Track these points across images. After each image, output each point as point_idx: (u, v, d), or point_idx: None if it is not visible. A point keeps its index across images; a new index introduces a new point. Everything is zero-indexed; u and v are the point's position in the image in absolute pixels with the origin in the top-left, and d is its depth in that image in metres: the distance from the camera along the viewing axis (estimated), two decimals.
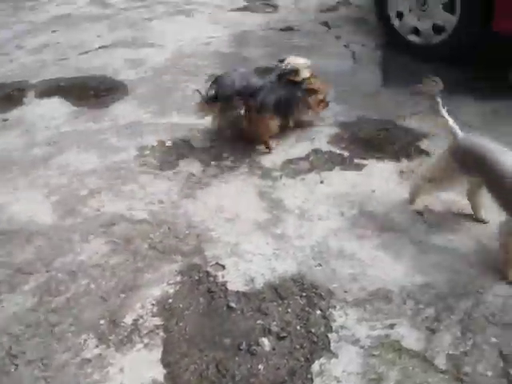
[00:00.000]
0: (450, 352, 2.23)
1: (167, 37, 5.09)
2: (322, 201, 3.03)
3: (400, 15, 4.59)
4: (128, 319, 2.40)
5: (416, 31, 4.53)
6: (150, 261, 2.68)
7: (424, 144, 3.49)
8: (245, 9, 5.72)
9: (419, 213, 2.94)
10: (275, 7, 5.75)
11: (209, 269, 2.62)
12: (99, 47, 4.93)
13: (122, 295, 2.51)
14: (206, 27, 5.28)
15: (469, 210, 2.95)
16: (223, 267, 2.63)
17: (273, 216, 2.93)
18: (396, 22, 4.63)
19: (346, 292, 2.49)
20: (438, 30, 4.38)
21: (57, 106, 4.03)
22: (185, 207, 3.01)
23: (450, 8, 4.25)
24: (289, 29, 5.16)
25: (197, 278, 2.58)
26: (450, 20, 4.28)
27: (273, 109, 3.39)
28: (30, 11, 6.08)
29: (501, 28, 4.01)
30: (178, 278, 2.58)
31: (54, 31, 5.38)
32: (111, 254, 2.74)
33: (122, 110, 3.91)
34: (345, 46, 4.77)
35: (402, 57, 4.58)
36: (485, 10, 4.05)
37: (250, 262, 2.65)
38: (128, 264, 2.67)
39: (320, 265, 2.62)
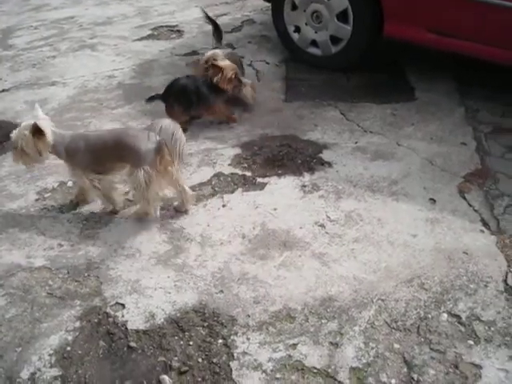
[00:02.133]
0: (353, 365, 2.23)
1: (70, 73, 4.99)
2: (224, 225, 2.99)
3: (298, 29, 4.64)
4: (25, 374, 2.30)
5: (315, 43, 4.58)
6: (48, 309, 2.58)
7: (325, 155, 3.51)
8: (149, 37, 5.67)
9: (321, 225, 2.94)
10: (180, 32, 5.72)
11: (108, 310, 2.54)
12: (0, 91, 4.80)
13: (19, 349, 2.41)
14: (109, 60, 5.20)
15: (369, 218, 2.97)
16: (123, 306, 2.55)
17: (174, 247, 2.87)
18: (295, 37, 4.68)
19: (248, 316, 2.45)
20: (335, 40, 4.45)
21: None
22: (85, 249, 2.92)
23: (343, 19, 4.32)
24: (193, 53, 5.13)
25: (96, 320, 2.50)
26: (345, 30, 4.34)
27: (174, 95, 3.82)
28: None
29: (391, 32, 4.12)
30: (77, 324, 2.49)
31: None
32: (8, 306, 2.62)
33: None
34: (248, 64, 4.76)
35: (303, 72, 4.61)
36: (376, 18, 4.15)
37: (150, 297, 2.58)
38: (25, 315, 2.57)
39: (222, 291, 2.58)
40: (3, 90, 4.81)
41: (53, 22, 6.48)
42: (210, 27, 4.53)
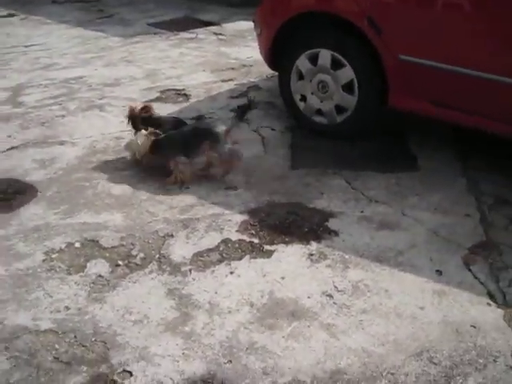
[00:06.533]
0: None
1: (79, 133, 5.07)
2: (231, 293, 3.00)
3: (304, 98, 4.76)
4: None
5: (320, 112, 4.69)
6: (53, 374, 2.56)
7: (332, 224, 3.55)
8: (157, 100, 5.78)
9: (329, 295, 2.95)
10: (187, 96, 5.85)
11: (115, 377, 2.52)
12: (8, 148, 4.84)
13: None
14: (117, 121, 5.27)
15: (377, 289, 2.99)
16: (130, 374, 2.53)
17: (182, 314, 2.87)
18: (301, 105, 4.80)
19: None
20: (340, 109, 4.56)
21: None
22: (92, 312, 2.91)
23: (349, 89, 4.45)
24: (200, 117, 5.25)
25: None
26: (350, 100, 4.47)
27: None
28: None
29: (395, 103, 4.26)
30: None
31: None
32: (13, 370, 2.59)
33: (30, 213, 3.82)
34: (254, 130, 4.87)
35: (309, 139, 4.71)
36: (380, 89, 4.28)
37: (158, 365, 2.56)
38: (30, 380, 2.53)
39: (230, 361, 2.57)
40: (12, 148, 4.86)
41: (62, 81, 6.60)
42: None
